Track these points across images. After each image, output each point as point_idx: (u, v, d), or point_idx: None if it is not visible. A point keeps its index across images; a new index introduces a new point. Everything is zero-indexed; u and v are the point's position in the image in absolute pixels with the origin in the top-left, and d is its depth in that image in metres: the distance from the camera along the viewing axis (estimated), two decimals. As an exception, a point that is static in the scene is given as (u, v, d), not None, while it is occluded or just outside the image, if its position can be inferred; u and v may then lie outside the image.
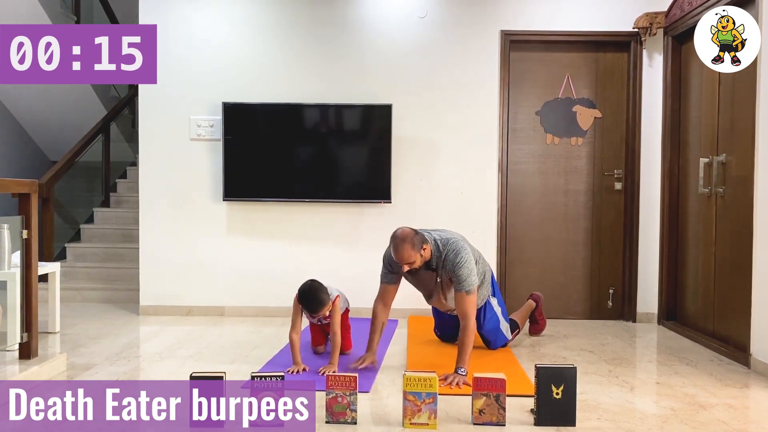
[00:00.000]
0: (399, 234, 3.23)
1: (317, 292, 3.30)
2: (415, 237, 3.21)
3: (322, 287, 3.34)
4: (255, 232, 4.84)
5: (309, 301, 3.30)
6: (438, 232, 3.46)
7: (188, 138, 4.82)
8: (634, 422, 2.66)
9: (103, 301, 5.34)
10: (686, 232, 4.45)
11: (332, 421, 2.59)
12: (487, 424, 2.58)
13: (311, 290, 3.31)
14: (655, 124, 4.68)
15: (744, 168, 3.64)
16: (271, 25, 4.80)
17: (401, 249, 3.19)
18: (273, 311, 4.76)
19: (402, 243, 3.19)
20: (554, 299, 4.81)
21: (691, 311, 4.35)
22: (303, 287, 3.35)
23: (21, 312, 3.26)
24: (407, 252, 3.18)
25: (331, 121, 4.74)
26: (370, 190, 4.71)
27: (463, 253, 3.30)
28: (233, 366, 3.41)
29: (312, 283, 3.35)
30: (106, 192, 6.44)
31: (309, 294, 3.31)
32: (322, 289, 3.33)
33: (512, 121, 4.80)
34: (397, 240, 3.21)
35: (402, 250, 3.18)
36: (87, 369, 3.36)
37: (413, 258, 3.21)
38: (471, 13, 4.74)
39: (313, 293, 3.30)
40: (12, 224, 3.50)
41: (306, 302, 3.32)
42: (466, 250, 3.32)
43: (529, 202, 4.82)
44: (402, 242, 3.19)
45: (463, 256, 3.29)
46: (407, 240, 3.18)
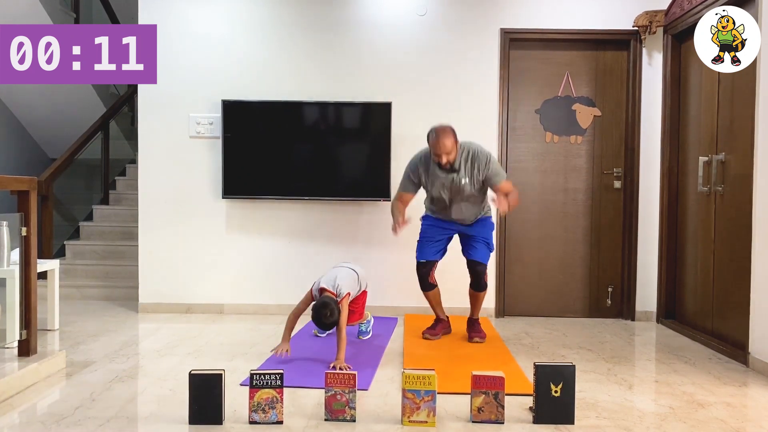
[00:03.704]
0: (440, 126, 3.58)
1: (329, 316, 3.29)
2: (454, 133, 3.59)
3: (334, 311, 3.30)
4: (254, 229, 4.84)
5: (321, 323, 3.33)
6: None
7: (188, 136, 4.82)
8: (633, 420, 2.66)
9: (102, 299, 5.34)
10: (685, 230, 4.45)
11: (331, 419, 2.59)
12: (485, 422, 2.59)
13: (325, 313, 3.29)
14: (654, 122, 4.68)
15: (743, 167, 3.65)
16: (271, 23, 4.79)
17: (444, 137, 3.53)
18: (272, 309, 4.77)
19: (444, 132, 3.54)
20: (553, 297, 4.82)
21: (690, 309, 4.36)
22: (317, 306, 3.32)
23: (20, 309, 3.26)
24: (450, 141, 3.54)
25: (330, 118, 4.74)
26: (369, 188, 4.71)
27: (485, 151, 3.72)
28: (232, 363, 3.42)
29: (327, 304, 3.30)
30: (106, 189, 6.44)
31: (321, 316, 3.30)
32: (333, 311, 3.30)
33: (512, 119, 4.80)
34: (439, 129, 3.56)
35: (445, 138, 3.53)
36: (86, 366, 3.36)
37: (453, 149, 3.57)
38: (471, 12, 4.74)
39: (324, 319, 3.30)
40: (11, 221, 3.50)
41: (318, 322, 3.34)
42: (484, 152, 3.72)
43: (529, 200, 4.82)
44: (443, 131, 3.55)
45: (488, 154, 3.71)
46: (448, 130, 3.56)
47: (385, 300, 4.68)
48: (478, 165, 3.68)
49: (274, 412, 2.54)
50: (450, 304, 4.31)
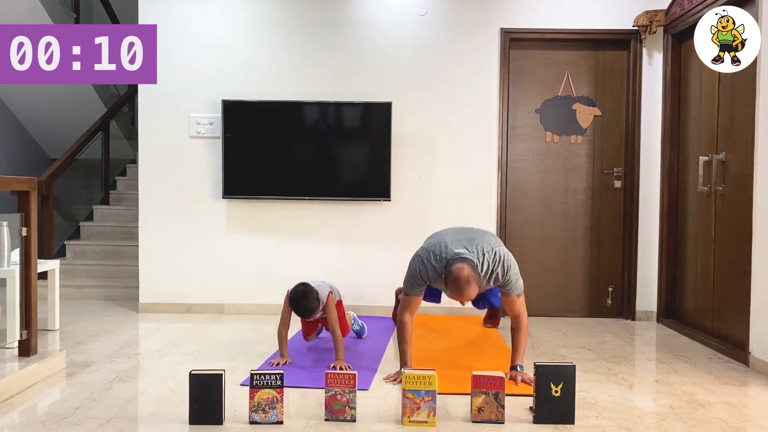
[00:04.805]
0: (464, 277, 2.89)
1: (308, 299, 3.30)
2: (476, 273, 2.95)
3: (312, 293, 3.32)
4: (254, 229, 4.84)
5: (301, 308, 3.32)
6: (471, 239, 3.17)
7: (188, 135, 4.82)
8: (633, 420, 2.66)
9: (103, 299, 5.34)
10: (685, 230, 4.45)
11: (331, 419, 2.59)
12: (486, 422, 2.59)
13: (303, 297, 3.30)
14: (654, 122, 4.68)
15: (743, 166, 3.65)
16: (271, 22, 4.79)
17: (468, 291, 2.93)
18: (272, 308, 4.76)
19: (467, 286, 2.90)
20: (553, 297, 4.82)
21: (690, 309, 4.36)
22: (294, 294, 3.33)
23: (20, 309, 3.26)
24: (473, 292, 2.95)
25: (330, 118, 4.74)
26: (370, 188, 4.71)
27: (508, 261, 3.14)
28: (233, 363, 3.42)
29: (303, 289, 3.33)
30: (106, 189, 6.44)
31: (300, 302, 3.30)
32: (312, 295, 3.32)
33: (512, 119, 4.80)
34: (462, 283, 2.90)
35: (469, 292, 2.93)
36: (86, 366, 3.36)
37: (476, 292, 2.98)
38: (471, 11, 4.73)
39: (304, 300, 3.30)
40: (11, 222, 3.50)
41: (297, 309, 3.33)
42: (508, 256, 3.16)
43: (529, 200, 4.82)
44: (467, 285, 2.90)
45: (509, 265, 3.13)
46: (472, 281, 2.91)
47: (385, 300, 4.67)
48: (495, 278, 3.14)
49: (274, 412, 2.54)
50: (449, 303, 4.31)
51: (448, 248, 3.10)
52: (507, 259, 3.14)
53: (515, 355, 3.18)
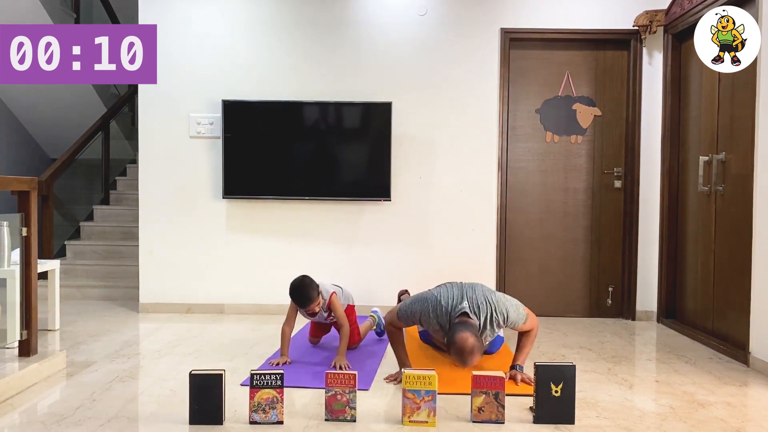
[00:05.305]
0: (468, 348, 2.83)
1: (305, 288, 3.38)
2: (480, 343, 2.90)
3: (312, 284, 3.41)
4: (255, 229, 4.84)
5: (298, 296, 3.39)
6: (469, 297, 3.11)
7: (188, 136, 4.82)
8: (633, 420, 2.66)
9: (103, 299, 5.34)
10: (686, 230, 4.45)
11: (331, 419, 2.59)
12: (486, 422, 2.59)
13: (301, 286, 3.40)
14: (654, 122, 4.68)
15: (743, 166, 3.65)
16: (271, 22, 4.79)
17: (471, 361, 2.89)
18: (273, 309, 4.76)
19: (471, 356, 2.86)
20: (554, 297, 4.82)
21: (691, 309, 4.36)
22: (293, 283, 3.43)
23: (20, 309, 3.26)
24: (476, 360, 2.91)
25: (330, 118, 4.74)
26: (370, 188, 4.71)
27: (504, 304, 3.12)
28: (233, 363, 3.42)
29: (302, 279, 3.43)
30: (106, 189, 6.44)
31: (298, 290, 3.40)
32: (311, 285, 3.40)
33: (512, 119, 4.80)
34: (466, 354, 2.85)
35: (471, 361, 2.89)
36: (86, 366, 3.36)
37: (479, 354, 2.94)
38: (471, 11, 4.73)
39: (302, 289, 3.39)
40: (11, 222, 3.50)
41: (295, 297, 3.40)
42: (501, 299, 3.13)
43: (529, 200, 4.82)
44: (471, 356, 2.86)
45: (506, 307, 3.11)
46: (476, 351, 2.86)
47: (385, 300, 4.67)
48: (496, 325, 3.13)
49: (274, 412, 2.54)
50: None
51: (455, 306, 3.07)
52: (501, 303, 3.11)
53: (518, 354, 3.19)
